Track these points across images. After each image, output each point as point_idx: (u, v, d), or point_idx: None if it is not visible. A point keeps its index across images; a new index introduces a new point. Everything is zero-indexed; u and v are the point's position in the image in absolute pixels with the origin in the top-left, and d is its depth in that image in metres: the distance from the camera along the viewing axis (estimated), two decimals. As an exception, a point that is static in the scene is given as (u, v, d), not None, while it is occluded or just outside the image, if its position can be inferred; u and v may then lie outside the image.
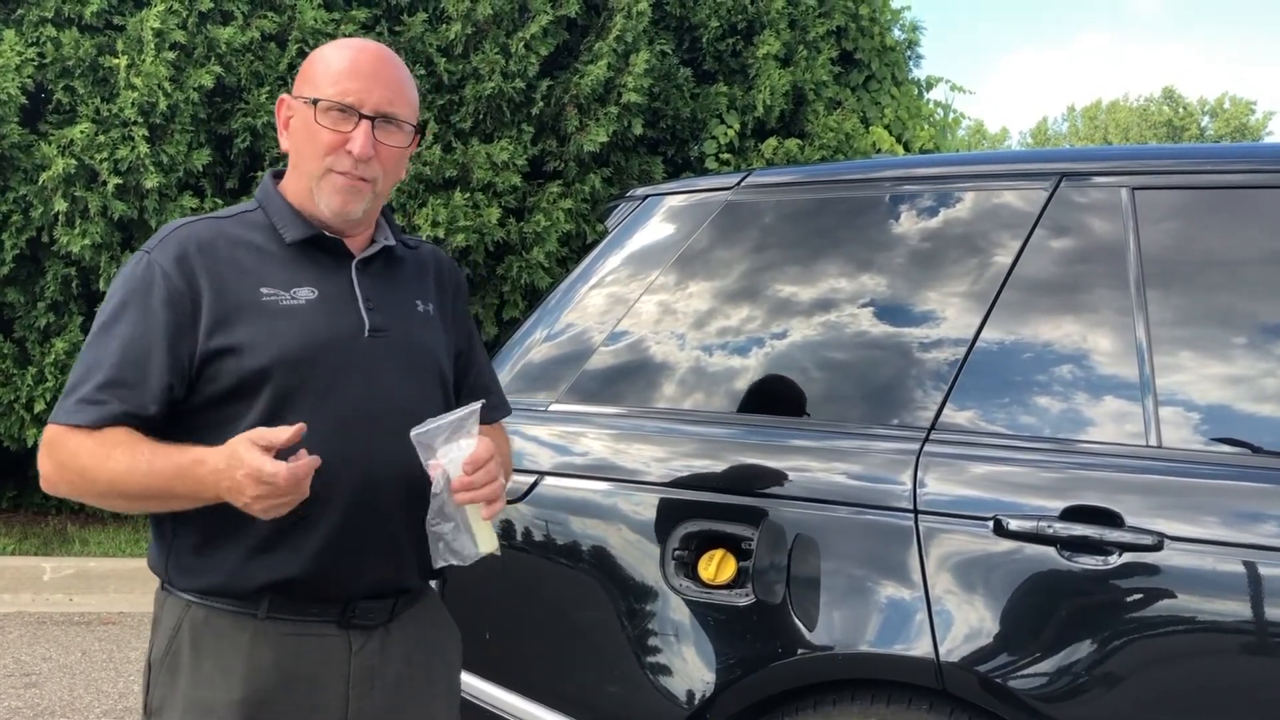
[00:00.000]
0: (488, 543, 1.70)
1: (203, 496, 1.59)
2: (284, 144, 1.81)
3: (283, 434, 1.52)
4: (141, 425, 1.64)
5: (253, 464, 1.50)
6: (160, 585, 1.76)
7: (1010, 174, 2.36)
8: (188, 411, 1.69)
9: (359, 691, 1.72)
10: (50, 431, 1.67)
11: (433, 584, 1.96)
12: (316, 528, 1.67)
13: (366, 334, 1.75)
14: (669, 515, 2.30)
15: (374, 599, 1.75)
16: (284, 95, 1.81)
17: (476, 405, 1.71)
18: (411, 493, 1.74)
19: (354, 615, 1.73)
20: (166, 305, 1.66)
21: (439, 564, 1.72)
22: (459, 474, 1.66)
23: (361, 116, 1.72)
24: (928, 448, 2.13)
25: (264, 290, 1.70)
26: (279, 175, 1.84)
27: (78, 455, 1.63)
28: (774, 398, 2.39)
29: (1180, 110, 45.57)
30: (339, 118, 1.72)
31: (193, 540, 1.70)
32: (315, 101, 1.72)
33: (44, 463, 1.68)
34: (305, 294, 1.72)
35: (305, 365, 1.68)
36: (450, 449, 1.67)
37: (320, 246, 1.77)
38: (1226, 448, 1.99)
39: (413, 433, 1.66)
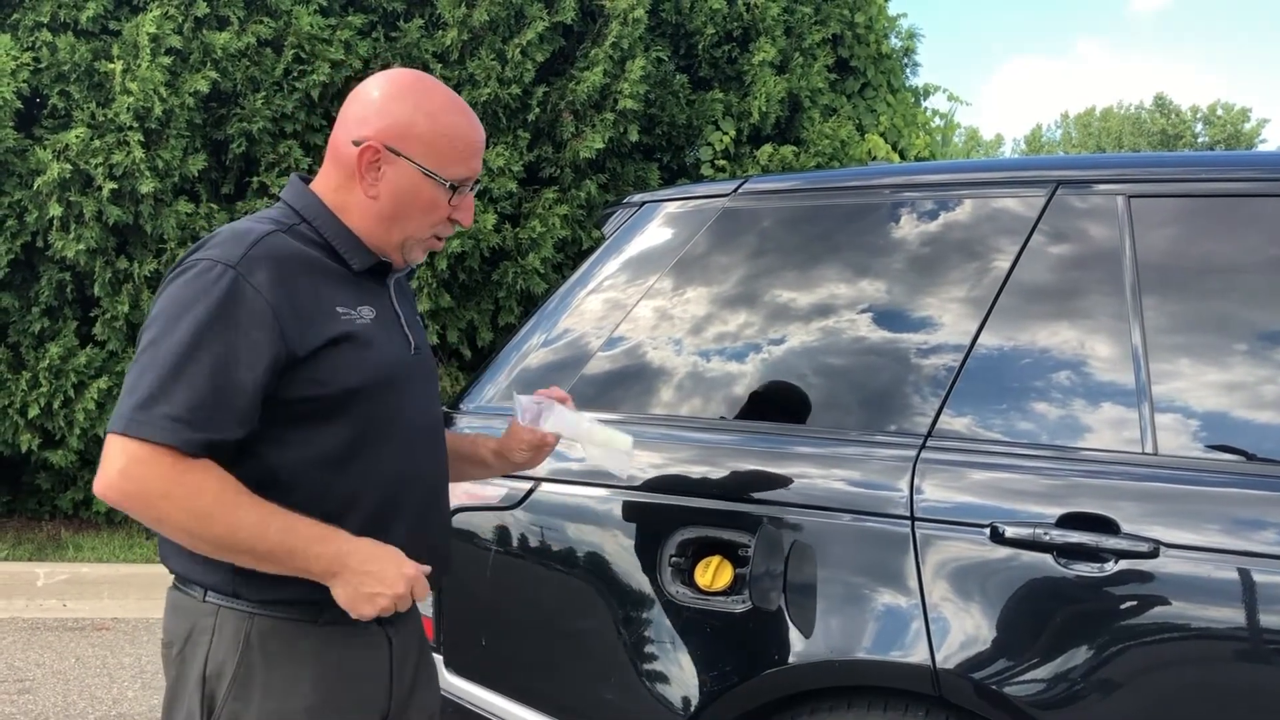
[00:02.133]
0: (622, 439, 2.00)
1: (311, 569, 1.61)
2: (368, 191, 1.73)
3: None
4: (222, 453, 1.60)
5: (416, 570, 1.66)
6: (200, 598, 1.70)
7: (1006, 181, 2.36)
8: (264, 429, 1.64)
9: (397, 679, 1.81)
10: (147, 451, 1.54)
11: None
12: (391, 538, 1.70)
13: (413, 351, 1.82)
14: (665, 521, 2.30)
15: None
16: (376, 143, 1.71)
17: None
18: (441, 497, 1.89)
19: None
20: (254, 327, 1.59)
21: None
22: (568, 419, 1.95)
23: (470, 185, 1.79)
24: (924, 454, 2.14)
25: (340, 310, 1.69)
26: (306, 180, 1.80)
27: (200, 494, 1.55)
28: (770, 404, 2.40)
29: (1172, 117, 45.66)
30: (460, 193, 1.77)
31: None
32: (451, 186, 1.74)
33: (137, 479, 1.55)
34: (367, 313, 1.73)
35: (385, 384, 1.72)
36: (549, 421, 1.97)
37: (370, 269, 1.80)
38: (1222, 455, 2.00)
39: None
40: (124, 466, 1.55)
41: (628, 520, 2.35)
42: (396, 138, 1.72)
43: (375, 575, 1.62)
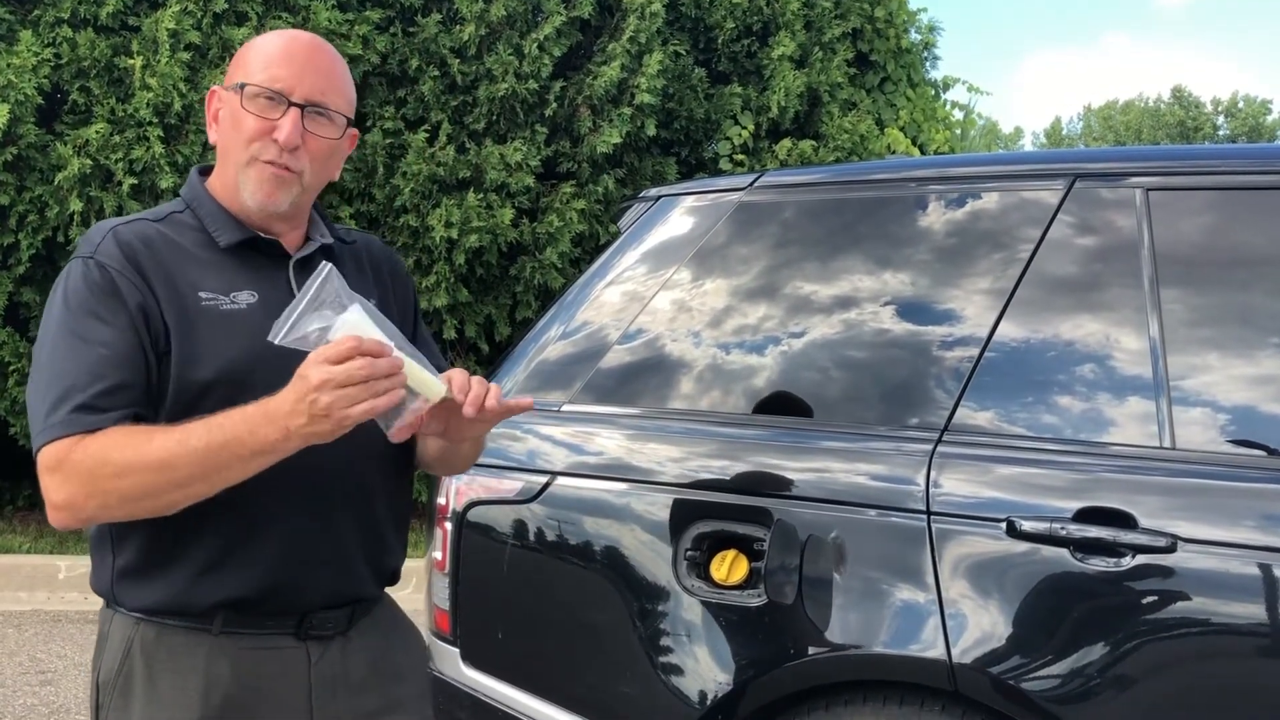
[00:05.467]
0: (435, 388, 1.52)
1: (270, 438, 1.44)
2: (212, 137, 1.69)
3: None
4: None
5: (320, 351, 1.42)
6: (105, 605, 1.66)
7: (1024, 174, 2.35)
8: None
9: (322, 701, 1.66)
10: (54, 451, 1.49)
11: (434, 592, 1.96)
12: (267, 541, 1.60)
13: None
14: (681, 515, 2.30)
15: (330, 609, 1.67)
16: (214, 87, 1.70)
17: (325, 269, 1.53)
18: (359, 499, 1.69)
19: (311, 626, 1.65)
20: (130, 307, 1.56)
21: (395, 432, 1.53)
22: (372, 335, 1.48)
23: (290, 104, 1.62)
24: (941, 448, 2.13)
25: (202, 295, 1.60)
26: (205, 171, 1.74)
27: (107, 453, 1.47)
28: (787, 398, 2.39)
29: (1191, 110, 45.39)
30: (267, 105, 1.61)
31: (135, 559, 1.60)
32: (243, 87, 1.62)
33: (60, 487, 1.50)
34: (245, 298, 1.63)
35: (250, 372, 1.57)
36: (342, 326, 1.48)
37: (255, 248, 1.67)
38: (1240, 449, 1.99)
39: (278, 340, 1.47)
40: (53, 480, 1.50)
41: (644, 514, 2.35)
42: (226, 77, 1.68)
43: (299, 383, 1.42)
